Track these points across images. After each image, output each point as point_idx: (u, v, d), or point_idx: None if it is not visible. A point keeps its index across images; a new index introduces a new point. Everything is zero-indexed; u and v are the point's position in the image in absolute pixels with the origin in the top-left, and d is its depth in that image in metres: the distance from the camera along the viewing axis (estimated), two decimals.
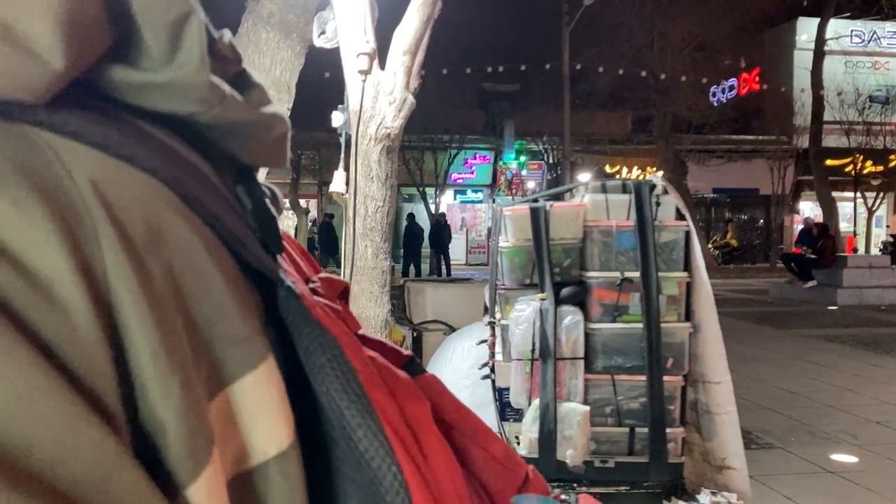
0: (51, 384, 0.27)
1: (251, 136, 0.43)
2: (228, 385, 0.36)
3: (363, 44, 3.34)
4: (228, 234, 0.38)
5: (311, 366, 0.40)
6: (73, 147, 0.31)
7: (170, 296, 0.33)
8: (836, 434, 5.44)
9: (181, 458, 0.31)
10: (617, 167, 26.84)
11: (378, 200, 3.52)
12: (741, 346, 8.54)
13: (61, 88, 0.32)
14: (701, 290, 2.67)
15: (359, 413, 0.40)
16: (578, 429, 2.52)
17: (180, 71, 0.35)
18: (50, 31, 0.30)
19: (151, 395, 0.31)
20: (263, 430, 0.38)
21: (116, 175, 0.33)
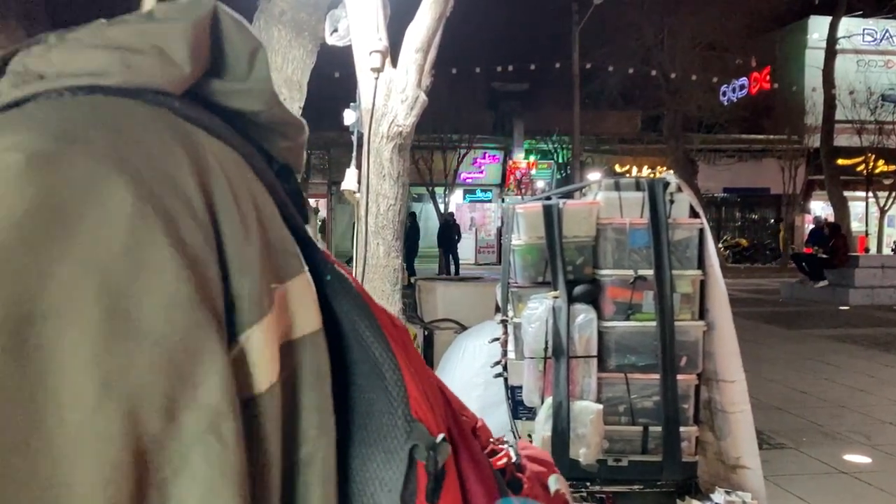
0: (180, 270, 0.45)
1: (286, 136, 0.61)
2: (287, 280, 0.54)
3: (376, 41, 3.34)
4: (278, 199, 0.57)
5: (333, 292, 0.59)
6: (196, 130, 0.52)
7: (253, 216, 0.51)
8: (849, 434, 5.41)
9: (251, 307, 0.49)
10: (627, 167, 26.76)
11: (390, 199, 3.52)
12: (752, 346, 8.50)
13: (187, 87, 0.53)
14: (715, 288, 2.66)
15: (363, 317, 0.58)
16: (591, 427, 2.51)
17: (256, 82, 0.57)
18: (185, 49, 0.52)
19: (237, 271, 0.49)
20: (304, 315, 0.55)
21: (219, 148, 0.53)
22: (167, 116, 0.50)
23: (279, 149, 0.61)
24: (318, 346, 0.55)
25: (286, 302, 0.53)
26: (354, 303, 0.58)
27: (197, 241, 0.46)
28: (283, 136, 0.61)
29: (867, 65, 27.36)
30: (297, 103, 3.60)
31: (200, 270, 0.45)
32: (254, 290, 0.49)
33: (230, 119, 0.57)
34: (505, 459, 0.85)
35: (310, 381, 0.54)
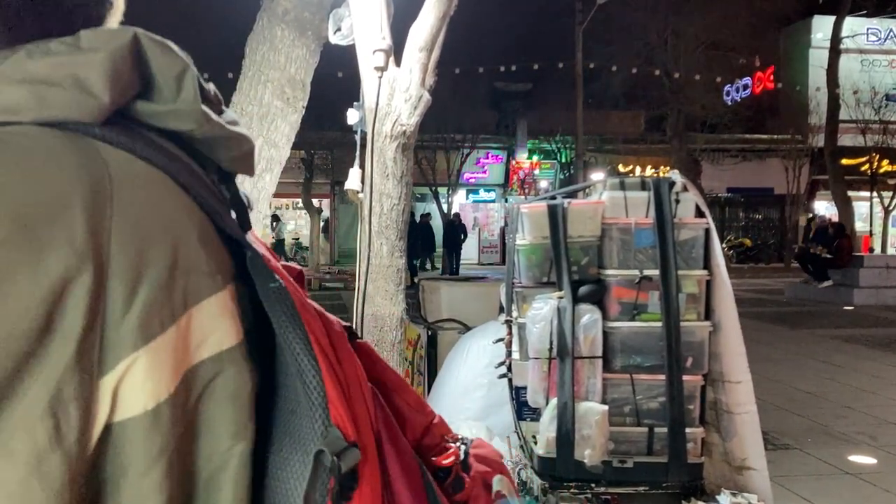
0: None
1: (229, 148, 0.66)
2: (193, 305, 0.57)
3: (379, 40, 3.32)
4: (210, 209, 0.61)
5: (265, 295, 0.61)
6: (115, 153, 0.55)
7: (158, 243, 0.55)
8: (854, 435, 5.39)
9: (134, 333, 0.52)
10: (630, 166, 26.74)
11: (393, 198, 3.51)
12: (757, 346, 8.47)
13: (108, 115, 0.56)
14: (721, 288, 2.63)
15: (292, 326, 0.60)
16: (596, 428, 2.49)
17: (184, 103, 0.60)
18: (101, 80, 0.55)
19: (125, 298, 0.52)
20: (218, 333, 0.58)
21: (135, 167, 0.56)
22: (77, 145, 0.53)
23: (227, 159, 0.66)
24: (235, 361, 0.59)
25: (191, 325, 0.56)
26: (286, 311, 0.60)
27: (66, 267, 0.49)
28: (228, 148, 0.65)
29: (871, 64, 27.30)
30: (300, 102, 3.59)
31: (61, 295, 0.49)
32: (140, 316, 0.52)
33: (174, 137, 0.61)
34: (452, 458, 0.88)
35: (225, 395, 0.58)
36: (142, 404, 0.53)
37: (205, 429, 0.57)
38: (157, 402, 0.53)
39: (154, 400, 0.53)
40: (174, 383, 0.54)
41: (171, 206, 0.57)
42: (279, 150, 3.54)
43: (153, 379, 0.53)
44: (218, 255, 0.60)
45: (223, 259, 0.61)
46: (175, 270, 0.55)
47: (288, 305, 0.60)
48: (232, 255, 0.63)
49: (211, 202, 0.61)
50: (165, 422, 0.54)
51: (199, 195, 0.59)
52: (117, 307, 0.51)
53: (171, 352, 0.54)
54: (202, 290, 0.57)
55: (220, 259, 0.60)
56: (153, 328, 0.53)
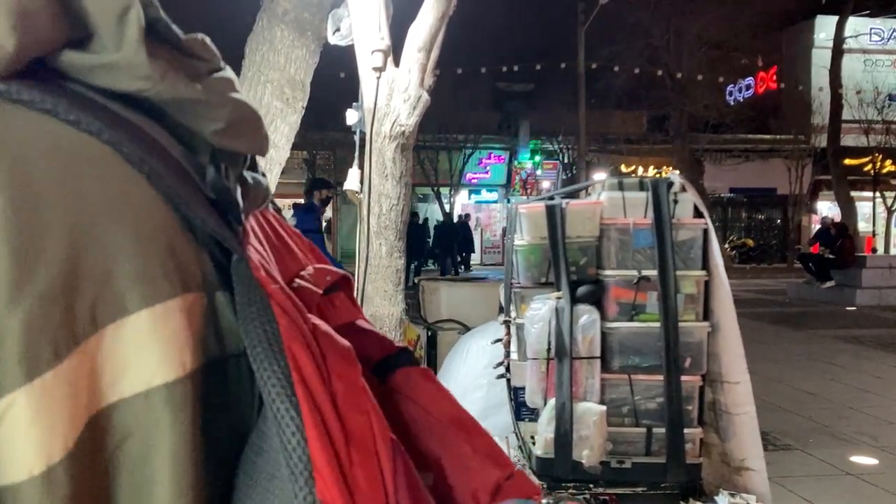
0: None
1: (210, 117, 0.49)
2: (119, 317, 0.41)
3: (378, 41, 3.33)
4: (169, 191, 0.45)
5: (241, 315, 0.45)
6: (15, 110, 0.40)
7: (56, 227, 0.39)
8: (856, 436, 5.37)
9: (11, 367, 0.37)
10: (633, 167, 26.72)
11: (392, 199, 3.51)
12: (759, 346, 8.46)
13: (18, 66, 0.41)
14: (720, 288, 2.63)
15: (268, 359, 0.43)
16: (595, 429, 2.49)
17: (121, 53, 0.43)
18: (2, 20, 0.39)
19: (1, 309, 0.36)
20: (151, 360, 0.42)
21: (38, 130, 0.40)
22: None
23: (209, 132, 0.50)
24: (173, 402, 0.42)
25: (103, 349, 0.40)
26: (263, 335, 0.44)
27: None
28: (205, 117, 0.49)
29: (874, 64, 27.24)
30: (300, 103, 3.59)
31: None
32: (20, 340, 0.37)
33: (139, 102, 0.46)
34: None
35: (157, 451, 0.42)
36: (26, 467, 0.37)
37: (130, 497, 0.42)
38: (48, 463, 0.38)
39: (43, 460, 0.37)
40: (73, 435, 0.39)
41: (95, 181, 0.42)
42: (279, 151, 3.54)
43: (41, 429, 0.37)
44: (172, 254, 0.44)
45: (186, 258, 0.45)
46: (80, 272, 0.39)
47: (266, 327, 0.44)
48: (224, 258, 0.48)
49: (173, 185, 0.45)
50: (61, 492, 0.38)
51: (154, 174, 0.44)
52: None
53: (69, 390, 0.38)
54: (126, 300, 0.41)
55: (178, 257, 0.44)
56: (41, 357, 0.37)
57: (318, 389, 0.44)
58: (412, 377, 0.59)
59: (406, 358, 0.60)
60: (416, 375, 0.59)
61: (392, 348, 0.60)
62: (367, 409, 0.47)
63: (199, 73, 0.49)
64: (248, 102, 0.53)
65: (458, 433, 0.58)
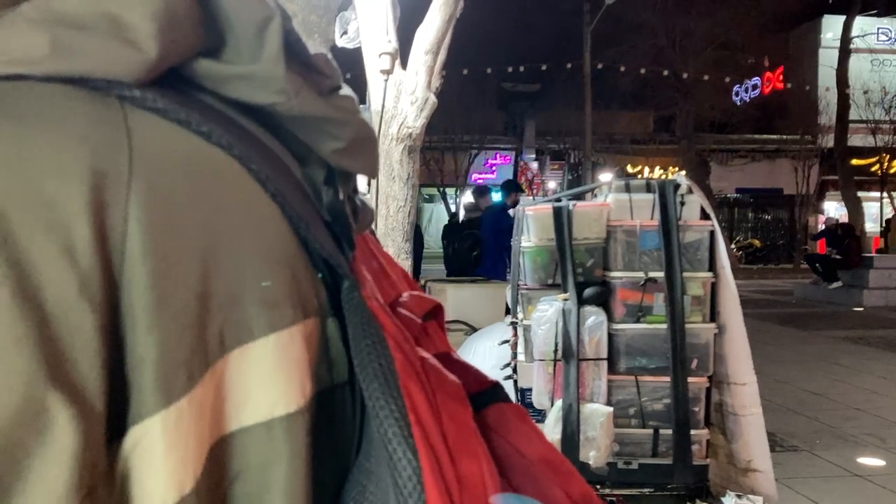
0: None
1: (332, 134, 0.47)
2: (244, 342, 0.39)
3: (385, 43, 3.34)
4: (292, 212, 0.43)
5: (355, 348, 0.43)
6: (150, 119, 0.38)
7: (194, 245, 0.38)
8: (863, 437, 5.36)
9: (150, 391, 0.35)
10: (639, 167, 26.67)
11: (399, 200, 3.53)
12: (765, 347, 8.45)
13: (157, 74, 0.38)
14: (726, 290, 2.64)
15: (385, 397, 0.41)
16: (601, 430, 2.50)
17: (260, 65, 0.42)
18: (147, 24, 0.37)
19: (139, 333, 0.35)
20: (274, 389, 0.40)
21: (177, 143, 0.38)
22: (93, 107, 0.36)
23: (328, 151, 0.48)
24: (294, 433, 0.40)
25: (228, 375, 0.39)
26: (379, 370, 0.42)
27: (61, 288, 0.33)
28: (328, 134, 0.47)
29: (882, 64, 27.13)
30: None
31: (55, 332, 0.32)
32: (158, 362, 0.35)
33: (258, 115, 0.44)
34: None
35: (275, 485, 0.40)
36: (159, 499, 0.35)
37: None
38: (181, 495, 0.36)
39: (176, 492, 0.36)
40: (200, 465, 0.37)
41: (227, 198, 0.40)
42: None
43: (175, 458, 0.36)
44: (294, 278, 0.42)
45: (305, 283, 0.43)
46: (212, 294, 0.38)
47: (382, 361, 0.42)
48: (332, 282, 0.46)
49: (296, 206, 0.43)
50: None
51: (279, 193, 0.42)
52: (132, 343, 0.35)
53: (199, 417, 0.37)
54: (253, 325, 0.40)
55: (299, 283, 0.43)
56: (177, 382, 0.36)
57: (433, 431, 0.42)
58: (505, 414, 0.56)
59: (499, 394, 0.58)
60: (509, 413, 0.56)
61: (486, 383, 0.57)
62: (478, 453, 0.45)
63: (322, 90, 0.48)
64: (368, 123, 0.52)
65: (553, 476, 0.54)
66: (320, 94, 0.47)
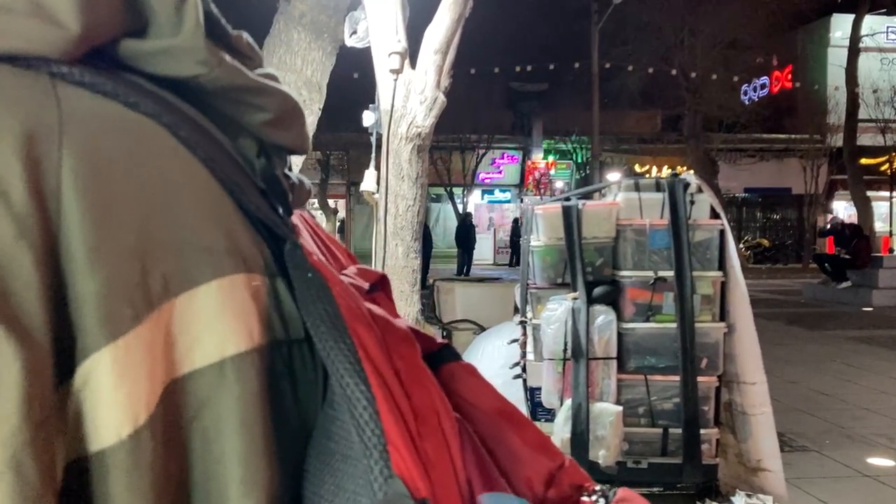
0: None
1: (258, 106, 0.49)
2: (181, 292, 0.41)
3: (395, 43, 3.35)
4: (223, 175, 0.45)
5: (300, 299, 0.46)
6: (78, 92, 0.40)
7: (128, 193, 0.40)
8: (872, 437, 5.34)
9: (95, 326, 0.37)
10: (646, 166, 26.60)
11: (409, 199, 3.53)
12: (774, 347, 8.42)
13: (83, 50, 0.41)
14: (736, 289, 2.64)
15: (333, 337, 0.44)
16: (611, 429, 2.50)
17: (180, 38, 0.44)
18: (69, 4, 0.40)
19: (80, 273, 0.37)
20: (221, 333, 0.42)
21: (103, 109, 0.41)
22: (20, 79, 0.39)
23: (257, 124, 0.50)
24: (245, 374, 0.42)
25: (175, 319, 0.41)
26: (324, 315, 0.44)
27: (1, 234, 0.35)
28: (255, 106, 0.49)
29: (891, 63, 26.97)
30: (316, 105, 3.62)
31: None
32: (102, 297, 0.37)
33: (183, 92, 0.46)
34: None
35: (228, 422, 0.42)
36: (115, 430, 0.37)
37: (197, 471, 0.42)
38: (135, 426, 0.37)
39: (130, 423, 0.37)
40: (154, 400, 0.39)
41: (158, 159, 0.43)
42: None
43: (127, 390, 0.37)
44: (234, 233, 0.45)
45: (245, 241, 0.45)
46: (152, 240, 0.40)
47: (327, 308, 0.44)
48: (276, 247, 0.48)
49: (227, 171, 0.46)
50: (148, 457, 0.38)
51: (209, 158, 0.45)
52: (73, 282, 0.37)
53: (148, 353, 0.39)
54: (196, 272, 0.42)
55: (238, 239, 0.45)
56: (122, 317, 0.38)
57: (384, 366, 0.44)
58: (456, 372, 0.60)
59: (449, 353, 0.61)
60: (460, 370, 0.60)
61: (435, 345, 0.60)
62: (428, 386, 0.48)
63: (250, 67, 0.50)
64: (292, 96, 0.53)
65: (507, 425, 0.59)
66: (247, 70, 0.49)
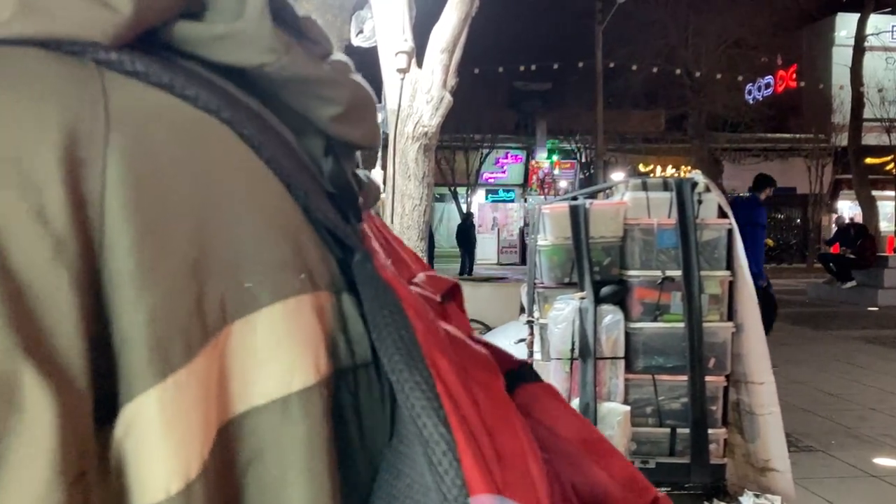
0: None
1: (328, 99, 0.44)
2: (248, 312, 0.36)
3: (402, 42, 3.35)
4: (290, 180, 0.40)
5: (372, 320, 0.40)
6: (129, 83, 0.35)
7: (183, 208, 0.35)
8: (878, 437, 5.33)
9: (141, 365, 0.32)
10: (651, 166, 26.58)
11: (415, 199, 3.53)
12: (779, 347, 8.40)
13: (134, 35, 0.36)
14: (744, 289, 2.63)
15: (409, 368, 0.38)
16: (619, 429, 2.50)
17: (244, 22, 0.38)
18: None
19: (126, 302, 0.32)
20: (288, 362, 0.37)
21: (156, 104, 0.36)
22: (67, 70, 0.34)
23: (325, 119, 0.44)
24: (311, 410, 0.37)
25: (232, 349, 0.36)
26: (400, 342, 0.38)
27: (34, 254, 0.30)
28: (324, 99, 0.44)
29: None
30: None
31: (27, 299, 0.29)
32: (149, 333, 0.32)
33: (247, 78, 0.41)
34: None
35: (293, 467, 0.37)
36: (163, 484, 0.32)
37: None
38: (187, 480, 0.32)
39: (182, 476, 0.32)
40: (208, 447, 0.34)
41: (219, 162, 0.37)
42: None
43: (178, 438, 0.32)
44: (301, 246, 0.39)
45: (313, 254, 0.40)
46: (208, 260, 0.35)
47: (402, 332, 0.39)
48: (343, 257, 0.43)
49: (294, 174, 0.40)
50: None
51: (274, 160, 0.39)
52: (118, 312, 0.32)
53: (202, 392, 0.34)
54: (257, 293, 0.36)
55: (305, 253, 0.40)
56: (173, 352, 0.33)
57: (464, 403, 0.38)
58: (537, 394, 0.53)
59: (529, 374, 0.55)
60: (540, 392, 0.53)
61: (514, 363, 0.54)
62: (516, 425, 0.41)
63: (318, 55, 0.45)
64: (365, 85, 0.48)
65: (591, 457, 0.52)
66: (316, 59, 0.44)
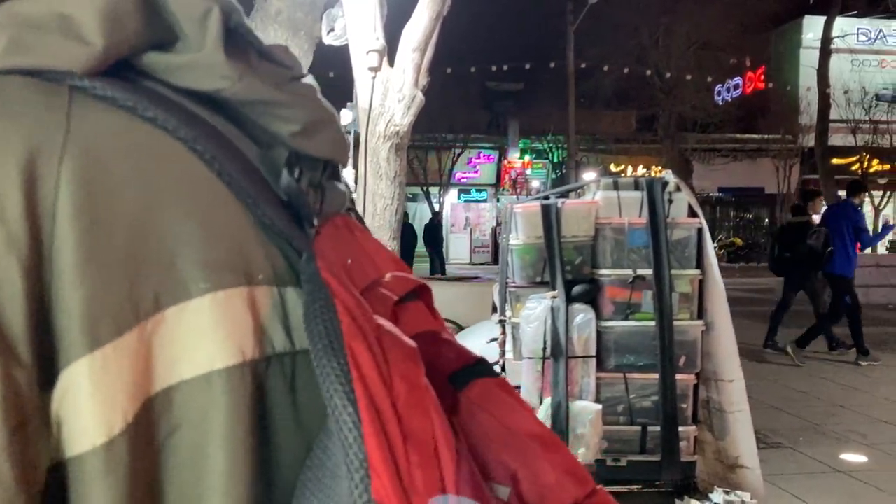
0: None
1: (286, 118, 0.50)
2: (180, 300, 0.42)
3: (373, 41, 3.33)
4: (239, 189, 0.46)
5: (305, 312, 0.45)
6: (94, 106, 0.42)
7: (125, 208, 0.41)
8: (846, 434, 5.42)
9: (77, 336, 0.39)
10: (622, 166, 26.80)
11: (387, 198, 3.51)
12: (748, 345, 8.50)
13: (106, 64, 0.43)
14: (714, 288, 2.65)
15: (327, 355, 0.43)
16: (590, 427, 2.51)
17: (203, 53, 0.46)
18: (93, 20, 0.42)
19: (66, 288, 0.39)
20: (212, 346, 0.43)
21: (115, 124, 0.43)
22: (37, 93, 0.41)
23: (286, 134, 0.50)
24: (233, 388, 0.43)
25: (162, 332, 0.42)
26: (324, 331, 0.44)
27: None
28: (282, 118, 0.50)
29: (861, 64, 27.40)
30: None
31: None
32: (86, 309, 0.39)
33: (215, 102, 0.48)
34: None
35: (213, 437, 0.42)
36: (89, 437, 0.38)
37: (176, 485, 0.42)
38: (110, 435, 0.38)
39: (105, 431, 0.38)
40: (132, 410, 0.40)
41: (168, 177, 0.44)
42: None
43: (102, 399, 0.38)
44: (243, 246, 0.46)
45: (256, 254, 0.46)
46: (145, 255, 0.41)
47: (328, 323, 0.44)
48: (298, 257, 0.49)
49: (244, 184, 0.47)
50: (121, 466, 0.39)
51: (225, 172, 0.46)
52: (60, 295, 0.39)
53: (128, 365, 0.40)
54: (190, 286, 0.43)
55: (247, 252, 0.46)
56: (103, 330, 0.39)
57: (377, 387, 0.43)
58: (490, 389, 0.57)
59: (484, 369, 0.58)
60: (494, 387, 0.58)
61: (470, 359, 0.58)
62: (428, 409, 0.46)
63: (282, 79, 0.51)
64: (328, 107, 0.54)
65: (536, 448, 0.56)
66: (278, 83, 0.50)
